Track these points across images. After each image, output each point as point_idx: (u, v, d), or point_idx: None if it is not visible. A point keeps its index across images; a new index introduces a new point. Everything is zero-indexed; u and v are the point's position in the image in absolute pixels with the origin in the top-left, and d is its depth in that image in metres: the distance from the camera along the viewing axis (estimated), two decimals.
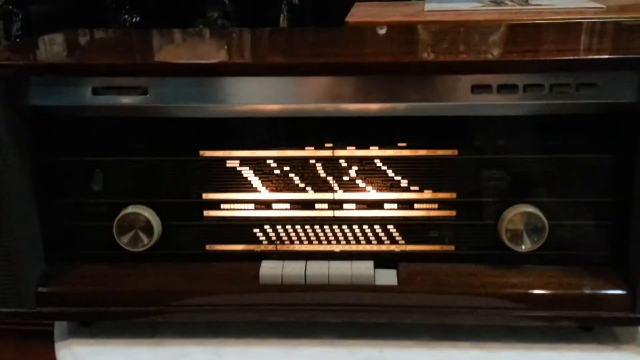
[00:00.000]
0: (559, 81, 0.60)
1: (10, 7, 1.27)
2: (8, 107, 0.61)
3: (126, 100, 0.63)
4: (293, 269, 0.67)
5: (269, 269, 0.67)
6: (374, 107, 0.64)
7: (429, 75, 0.61)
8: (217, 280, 0.67)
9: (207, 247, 0.69)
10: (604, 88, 0.60)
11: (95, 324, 0.71)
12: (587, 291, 0.65)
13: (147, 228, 0.66)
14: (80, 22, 0.90)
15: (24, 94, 0.63)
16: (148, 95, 0.63)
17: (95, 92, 0.63)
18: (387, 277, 0.67)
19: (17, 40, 1.14)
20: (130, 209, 0.66)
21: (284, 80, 0.62)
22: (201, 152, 0.66)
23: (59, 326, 0.72)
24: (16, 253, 0.65)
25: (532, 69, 0.60)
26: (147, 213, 0.66)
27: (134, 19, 1.34)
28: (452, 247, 0.68)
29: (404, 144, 0.65)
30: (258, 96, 0.63)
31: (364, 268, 0.67)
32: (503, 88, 0.61)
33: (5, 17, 1.26)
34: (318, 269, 0.66)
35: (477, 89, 0.61)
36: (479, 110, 0.63)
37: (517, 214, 0.64)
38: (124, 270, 0.68)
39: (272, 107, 0.64)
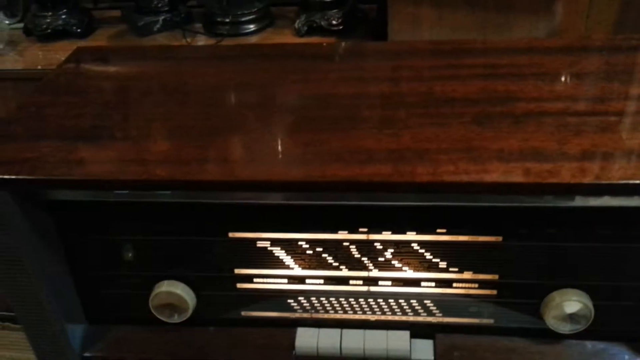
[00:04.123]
0: None
1: None
2: (25, 206, 0.59)
3: (146, 195, 0.60)
4: (328, 341, 0.67)
5: (304, 341, 0.67)
6: (411, 201, 0.59)
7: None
8: (253, 350, 0.68)
9: (243, 313, 0.69)
10: None
11: None
12: None
13: (181, 304, 0.66)
14: None
15: (40, 192, 0.61)
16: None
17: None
18: (424, 350, 0.66)
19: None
20: (164, 287, 0.66)
21: None
22: (230, 234, 0.63)
23: None
24: (56, 321, 0.67)
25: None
26: (180, 290, 0.66)
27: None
28: (491, 321, 0.66)
29: (443, 230, 0.61)
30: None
31: (400, 340, 0.66)
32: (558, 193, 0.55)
33: None
34: (353, 341, 0.66)
35: None
36: (527, 203, 0.57)
37: (563, 302, 0.61)
38: (164, 336, 0.70)
39: (300, 202, 0.60)
